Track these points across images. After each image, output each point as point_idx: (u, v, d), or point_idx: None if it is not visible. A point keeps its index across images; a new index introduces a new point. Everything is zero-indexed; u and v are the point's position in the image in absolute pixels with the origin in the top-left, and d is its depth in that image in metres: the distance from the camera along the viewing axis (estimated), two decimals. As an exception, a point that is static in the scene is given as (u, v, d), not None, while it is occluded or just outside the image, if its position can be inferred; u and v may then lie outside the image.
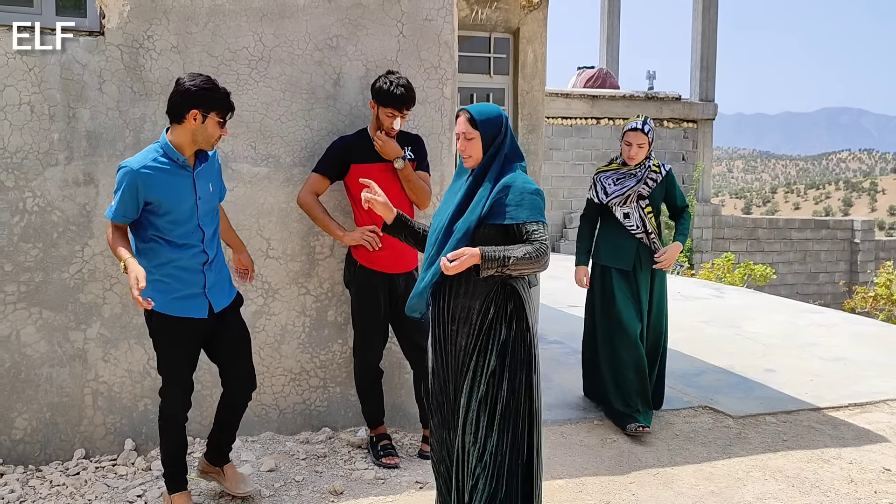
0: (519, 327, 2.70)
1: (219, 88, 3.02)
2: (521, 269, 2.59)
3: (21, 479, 3.50)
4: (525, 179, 2.72)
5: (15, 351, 3.61)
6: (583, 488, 3.61)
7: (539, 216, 2.67)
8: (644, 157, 4.32)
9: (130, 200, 2.96)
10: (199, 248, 3.09)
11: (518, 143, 6.63)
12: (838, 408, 4.81)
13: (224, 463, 3.37)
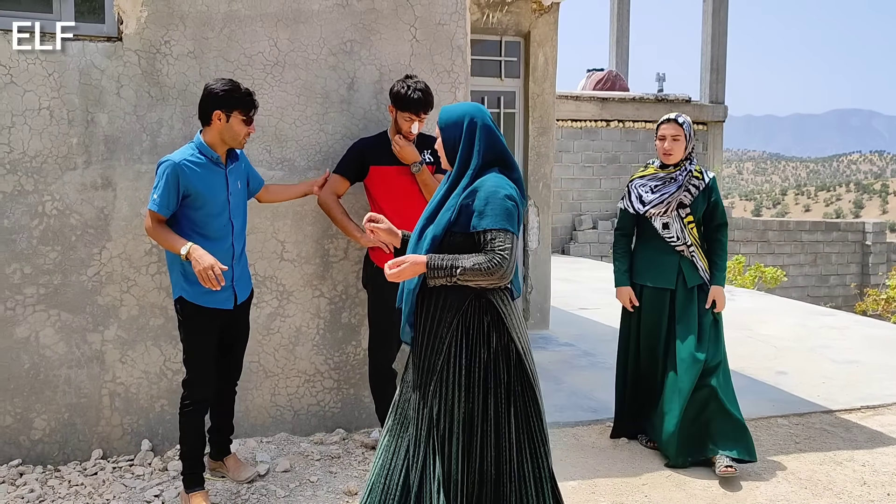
0: (500, 342, 2.55)
1: (240, 89, 3.20)
2: (471, 280, 2.44)
3: (40, 478, 3.54)
4: (497, 183, 2.50)
5: (34, 352, 3.66)
6: (595, 489, 3.62)
7: (502, 223, 2.45)
8: (682, 154, 3.84)
9: (172, 191, 3.13)
10: (229, 242, 3.29)
11: (530, 145, 6.69)
12: (850, 410, 4.81)
13: (225, 455, 3.58)
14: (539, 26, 6.74)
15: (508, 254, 2.42)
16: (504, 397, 2.54)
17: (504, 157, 2.59)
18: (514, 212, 2.47)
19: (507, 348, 2.55)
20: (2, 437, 3.65)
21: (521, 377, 2.57)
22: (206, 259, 3.04)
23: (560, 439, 4.27)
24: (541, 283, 6.98)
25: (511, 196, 2.48)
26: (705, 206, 3.90)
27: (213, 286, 3.05)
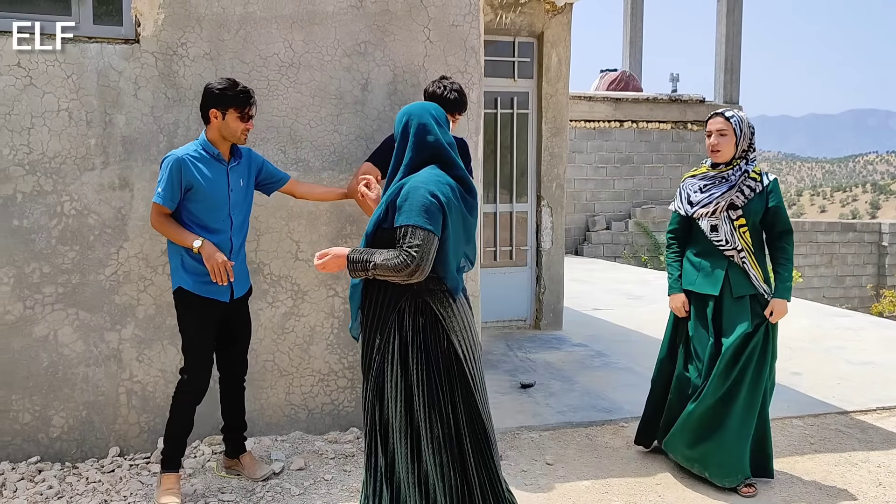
0: (438, 344, 2.53)
1: (234, 87, 3.28)
2: (385, 276, 2.45)
3: (59, 475, 3.59)
4: (424, 179, 2.49)
5: (53, 351, 3.70)
6: (609, 489, 3.62)
7: (415, 219, 2.42)
8: (732, 151, 3.57)
9: (176, 184, 3.23)
10: (227, 235, 3.35)
11: (543, 146, 6.69)
12: (866, 411, 4.79)
13: (240, 453, 3.62)
14: (552, 27, 6.75)
15: (417, 251, 2.39)
16: (447, 403, 2.53)
17: (441, 154, 2.56)
18: (432, 208, 2.43)
19: (446, 351, 2.53)
20: (21, 434, 3.70)
21: (464, 382, 2.55)
22: (219, 255, 3.18)
23: (573, 439, 4.27)
24: (554, 283, 6.98)
25: (433, 193, 2.45)
26: (763, 210, 3.55)
27: (222, 281, 3.17)
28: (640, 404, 4.84)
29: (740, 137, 3.58)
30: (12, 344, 3.65)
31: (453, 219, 2.53)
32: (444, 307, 2.55)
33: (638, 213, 14.32)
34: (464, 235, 2.63)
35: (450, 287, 2.57)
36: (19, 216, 3.62)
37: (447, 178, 2.54)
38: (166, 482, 3.33)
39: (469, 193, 2.57)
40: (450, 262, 2.56)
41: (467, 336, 2.60)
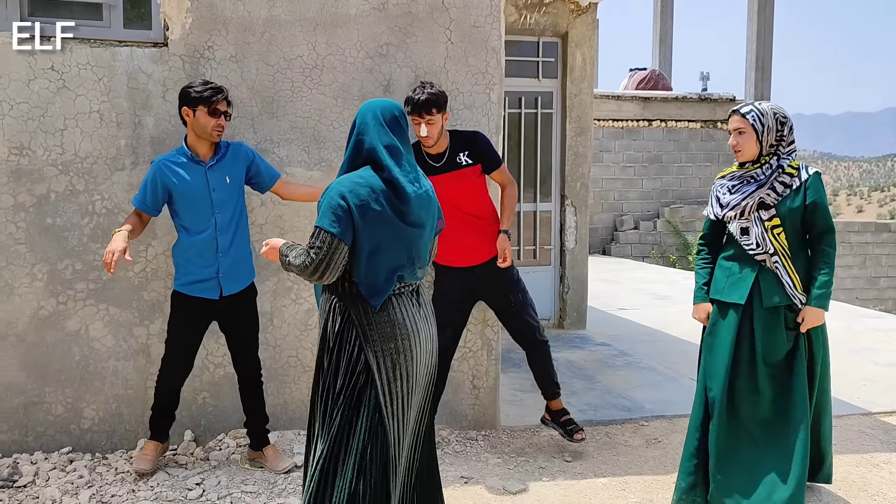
0: (345, 349, 2.48)
1: (202, 86, 3.42)
2: (298, 274, 2.45)
3: (89, 465, 3.70)
4: (340, 181, 2.45)
5: (84, 345, 3.82)
6: (626, 486, 3.65)
7: (320, 220, 2.40)
8: (754, 148, 3.25)
9: (151, 188, 3.41)
10: (212, 236, 3.45)
11: (567, 145, 6.71)
12: (891, 413, 4.75)
13: (264, 446, 3.73)
14: (577, 27, 6.76)
15: (316, 253, 2.37)
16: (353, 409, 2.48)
17: (372, 155, 2.49)
18: (339, 211, 2.37)
19: (355, 361, 2.47)
20: (54, 425, 3.83)
21: (372, 393, 2.48)
22: (111, 245, 3.20)
23: (592, 437, 4.30)
24: (578, 282, 7.00)
25: (343, 195, 2.39)
26: (800, 208, 3.20)
27: (108, 270, 3.16)
28: (661, 403, 4.89)
29: (762, 132, 3.23)
30: (46, 338, 3.78)
31: (369, 222, 2.41)
32: (362, 314, 2.47)
33: (667, 212, 14.23)
34: (395, 242, 2.48)
35: (365, 294, 2.46)
36: (53, 215, 3.74)
37: (374, 181, 2.45)
38: (145, 448, 3.64)
39: (398, 198, 2.46)
40: (364, 268, 2.45)
41: (391, 351, 2.48)
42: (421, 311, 2.61)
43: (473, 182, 3.85)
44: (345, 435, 2.48)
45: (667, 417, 4.63)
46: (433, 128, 3.66)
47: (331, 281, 2.43)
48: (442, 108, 3.66)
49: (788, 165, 3.23)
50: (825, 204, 3.22)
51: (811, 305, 3.20)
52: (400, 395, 2.51)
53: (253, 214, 3.97)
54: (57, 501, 3.34)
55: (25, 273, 3.73)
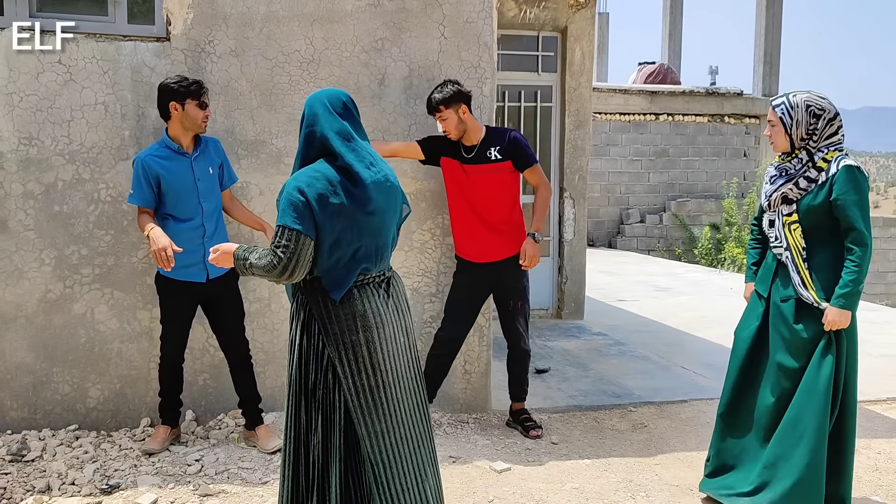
0: (311, 344, 2.46)
1: (187, 80, 3.60)
2: (260, 275, 2.40)
3: (94, 442, 3.88)
4: (296, 176, 2.41)
5: (90, 327, 3.99)
6: (608, 467, 3.78)
7: (282, 219, 2.34)
8: (785, 140, 3.16)
9: (144, 184, 3.57)
10: (199, 222, 3.65)
11: (566, 138, 6.82)
12: (876, 401, 4.85)
13: (257, 425, 3.90)
14: (576, 21, 6.86)
15: (283, 251, 2.32)
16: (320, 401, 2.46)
17: (325, 145, 2.45)
18: (300, 206, 2.32)
19: (319, 355, 2.45)
20: (61, 404, 4.00)
21: (336, 385, 2.46)
22: (161, 241, 3.42)
23: (580, 421, 4.43)
24: (576, 274, 7.12)
25: (301, 189, 2.34)
26: (823, 204, 3.08)
27: (164, 266, 3.42)
28: (651, 390, 5.02)
29: (791, 125, 3.13)
30: (54, 321, 3.95)
31: (329, 215, 2.37)
32: (322, 308, 2.43)
33: (673, 206, 14.29)
34: (355, 232, 2.43)
35: (326, 285, 2.43)
36: (60, 202, 3.91)
37: (329, 172, 2.40)
38: (158, 432, 3.84)
39: (354, 184, 2.41)
40: (326, 261, 2.41)
41: (354, 344, 2.44)
42: (390, 301, 2.55)
43: (502, 178, 4.02)
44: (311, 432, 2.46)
45: (655, 404, 4.76)
46: (447, 123, 3.93)
47: (299, 279, 2.39)
48: (450, 103, 3.89)
49: (822, 159, 3.10)
50: (852, 200, 3.03)
51: (831, 305, 3.04)
52: (366, 388, 2.45)
53: (251, 203, 4.11)
54: (63, 475, 3.51)
55: (34, 258, 3.90)
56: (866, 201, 3.08)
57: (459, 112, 3.92)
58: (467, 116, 3.95)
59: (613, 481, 3.61)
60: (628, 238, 14.23)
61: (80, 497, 3.34)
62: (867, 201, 3.09)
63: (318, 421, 2.46)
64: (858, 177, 3.05)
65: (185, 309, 3.76)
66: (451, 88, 3.91)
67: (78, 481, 3.46)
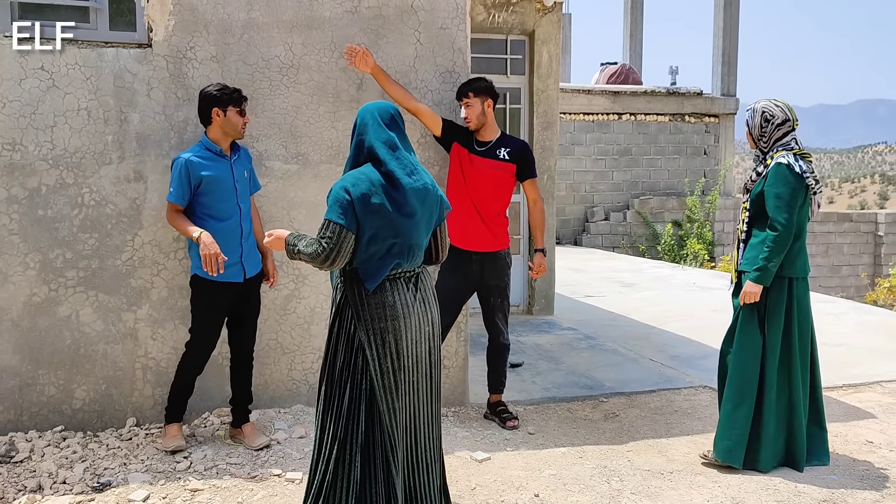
0: (342, 328, 2.76)
1: (229, 88, 3.76)
2: (306, 262, 2.70)
3: (81, 442, 3.93)
4: (343, 177, 2.73)
5: (75, 329, 4.05)
6: (583, 455, 3.96)
7: (328, 214, 2.66)
8: (752, 142, 3.82)
9: (185, 183, 3.68)
10: (237, 222, 3.79)
11: (534, 139, 7.00)
12: (833, 388, 5.10)
13: (243, 423, 3.99)
14: (543, 25, 7.05)
15: (327, 242, 2.63)
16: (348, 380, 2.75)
17: (372, 152, 2.76)
18: (344, 203, 2.63)
19: (351, 340, 2.75)
20: (47, 405, 4.05)
21: (364, 365, 2.75)
22: (213, 247, 3.59)
23: (554, 412, 4.61)
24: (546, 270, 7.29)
25: (346, 188, 2.65)
26: (760, 193, 3.70)
27: (213, 271, 3.57)
28: (621, 381, 5.22)
29: (751, 128, 3.79)
30: (39, 323, 4.00)
31: (369, 212, 2.66)
32: (358, 297, 2.73)
33: (636, 203, 14.60)
34: (391, 230, 2.71)
35: (361, 275, 2.73)
36: (44, 206, 3.96)
37: (373, 175, 2.71)
38: (170, 431, 3.88)
39: (395, 189, 2.71)
40: (363, 253, 2.70)
41: (382, 331, 2.73)
42: (417, 295, 2.83)
43: (504, 178, 4.27)
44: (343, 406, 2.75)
45: (625, 394, 4.96)
46: (471, 110, 4.18)
47: (340, 267, 2.70)
48: (479, 93, 4.18)
49: (771, 156, 3.69)
50: (773, 192, 3.60)
51: (747, 279, 3.68)
52: (390, 371, 2.75)
53: (234, 206, 4.22)
54: (53, 474, 3.58)
55: (19, 262, 3.95)
56: (789, 194, 3.59)
57: (485, 104, 4.20)
58: (490, 112, 4.24)
59: (588, 467, 3.79)
60: (593, 235, 14.51)
61: (73, 495, 3.41)
62: (790, 194, 3.59)
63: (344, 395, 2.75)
64: (785, 172, 3.60)
65: (219, 312, 3.85)
66: (483, 82, 4.20)
67: (69, 480, 3.53)
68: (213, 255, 3.58)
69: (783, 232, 3.56)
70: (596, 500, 3.44)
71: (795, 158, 3.65)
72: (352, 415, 2.75)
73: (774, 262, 3.60)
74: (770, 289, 3.68)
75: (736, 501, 3.43)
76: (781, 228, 3.56)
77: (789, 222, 3.57)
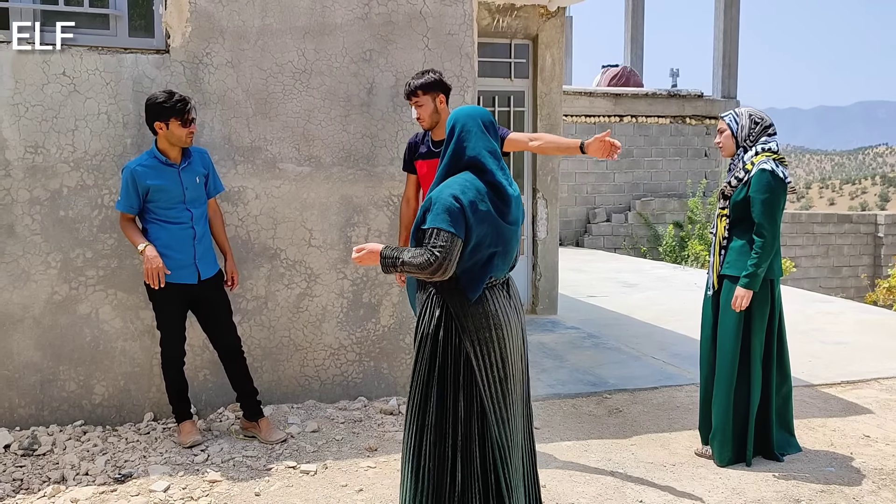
0: (446, 339, 2.69)
1: (171, 98, 3.72)
2: (412, 273, 2.62)
3: (101, 436, 4.06)
4: (450, 184, 2.66)
5: (94, 327, 4.18)
6: (588, 448, 4.08)
7: (437, 222, 2.58)
8: (733, 144, 3.82)
9: (133, 192, 3.76)
10: (188, 226, 3.85)
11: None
12: (831, 384, 5.22)
13: (258, 418, 4.08)
14: (546, 30, 7.18)
15: (440, 251, 2.55)
16: (451, 391, 2.70)
17: (475, 161, 2.70)
18: (455, 211, 2.57)
19: (456, 350, 2.70)
20: (67, 400, 4.18)
21: (470, 377, 2.70)
22: (156, 261, 3.71)
23: (559, 408, 4.73)
24: (549, 271, 7.43)
25: (457, 197, 2.59)
26: (743, 200, 3.74)
27: (155, 284, 3.72)
28: (624, 378, 5.33)
29: (737, 130, 3.79)
30: (60, 321, 4.13)
31: (478, 221, 2.61)
32: (459, 306, 2.68)
33: (638, 205, 14.72)
34: (494, 238, 2.68)
35: (463, 285, 2.68)
36: (65, 207, 4.09)
37: (477, 183, 2.66)
38: (184, 428, 4.00)
39: (501, 199, 2.69)
40: (466, 262, 2.65)
41: (486, 339, 2.70)
42: (511, 302, 2.81)
43: None
44: (448, 420, 2.70)
45: (629, 391, 5.07)
46: (422, 109, 3.79)
47: (447, 276, 2.61)
48: (429, 89, 3.75)
49: (750, 161, 3.73)
50: (759, 198, 3.66)
51: (739, 285, 3.72)
52: (497, 379, 2.73)
53: (247, 207, 4.35)
54: (76, 466, 3.70)
55: (41, 261, 4.08)
56: (774, 201, 3.67)
57: (437, 101, 3.78)
58: (443, 108, 3.81)
59: (593, 460, 3.91)
60: (595, 237, 14.62)
61: (96, 486, 3.53)
62: (776, 201, 3.68)
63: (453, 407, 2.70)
64: (770, 179, 3.66)
65: (180, 311, 3.94)
66: (431, 76, 3.79)
67: (91, 472, 3.66)
68: (155, 269, 3.70)
69: (770, 238, 3.66)
70: (601, 490, 3.56)
71: (776, 164, 3.72)
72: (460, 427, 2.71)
73: (763, 268, 3.69)
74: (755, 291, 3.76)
75: (736, 492, 3.55)
76: (768, 234, 3.66)
77: (776, 228, 3.68)
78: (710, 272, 3.93)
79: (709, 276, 3.95)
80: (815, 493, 3.55)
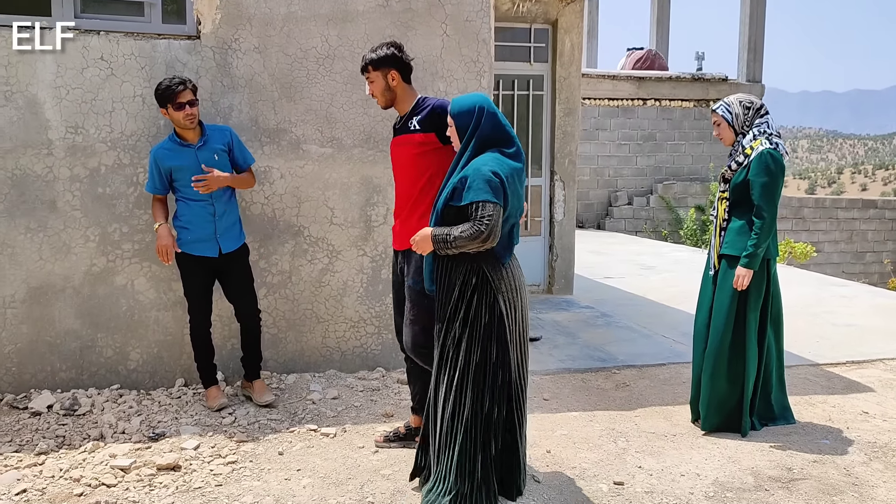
0: (482, 300, 3.01)
1: (160, 86, 3.96)
2: (463, 246, 2.90)
3: (136, 399, 4.34)
4: (484, 162, 2.93)
5: (130, 297, 4.45)
6: (593, 419, 4.28)
7: (482, 195, 2.85)
8: (731, 133, 3.98)
9: (157, 174, 4.06)
10: (208, 202, 4.09)
11: (556, 124, 7.29)
12: (836, 364, 5.36)
13: (254, 378, 4.38)
14: (566, 14, 7.31)
15: (489, 220, 2.85)
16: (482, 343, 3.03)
17: (504, 137, 3.04)
18: (495, 184, 2.88)
19: (491, 307, 3.03)
20: (105, 366, 4.46)
21: (500, 331, 3.05)
22: (164, 239, 4.04)
23: (569, 382, 4.93)
24: (566, 251, 7.61)
25: (496, 172, 2.90)
26: (743, 182, 3.89)
27: (163, 260, 4.05)
28: (633, 355, 5.51)
29: (732, 119, 3.95)
30: (98, 291, 4.40)
31: (511, 193, 2.96)
32: (493, 270, 3.02)
33: (660, 188, 14.79)
34: (517, 208, 3.06)
35: (497, 252, 3.02)
36: (103, 185, 4.35)
37: (506, 160, 2.99)
38: (210, 393, 4.31)
39: (518, 174, 3.04)
40: (501, 229, 2.96)
41: (513, 297, 3.07)
42: (519, 267, 3.20)
43: (412, 155, 3.46)
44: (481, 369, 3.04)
45: (636, 367, 5.26)
46: (374, 86, 3.52)
47: (496, 243, 2.94)
48: (379, 65, 3.46)
49: (749, 145, 3.88)
50: (759, 181, 3.81)
51: (739, 265, 3.89)
52: (521, 333, 3.14)
53: (273, 186, 4.59)
54: (113, 425, 3.99)
55: (80, 235, 4.35)
56: (773, 184, 3.81)
57: (388, 77, 3.47)
58: (397, 84, 3.49)
59: (598, 429, 4.12)
60: (616, 219, 14.73)
61: (132, 443, 3.81)
62: (774, 184, 3.82)
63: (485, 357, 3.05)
64: (769, 161, 3.80)
65: (202, 281, 4.20)
66: (384, 51, 3.47)
67: (127, 431, 3.94)
68: (164, 246, 4.03)
69: (769, 219, 3.81)
70: (603, 457, 3.76)
71: (771, 142, 3.85)
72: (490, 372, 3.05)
73: (763, 248, 3.84)
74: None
75: (732, 460, 3.73)
76: (768, 216, 3.81)
77: (774, 209, 3.83)
78: (711, 252, 4.10)
79: (709, 256, 4.12)
80: (808, 462, 3.72)
